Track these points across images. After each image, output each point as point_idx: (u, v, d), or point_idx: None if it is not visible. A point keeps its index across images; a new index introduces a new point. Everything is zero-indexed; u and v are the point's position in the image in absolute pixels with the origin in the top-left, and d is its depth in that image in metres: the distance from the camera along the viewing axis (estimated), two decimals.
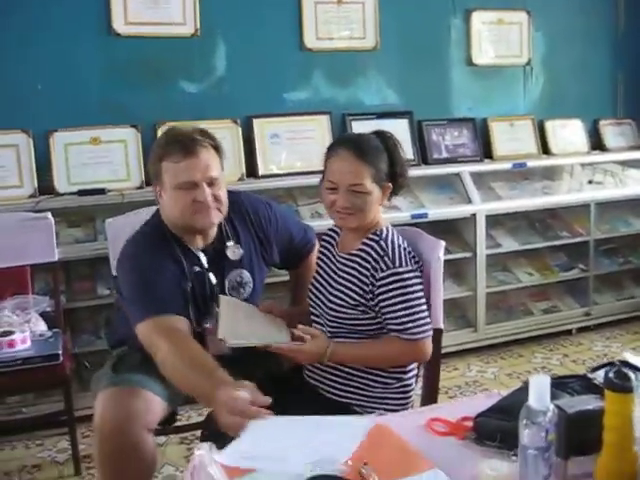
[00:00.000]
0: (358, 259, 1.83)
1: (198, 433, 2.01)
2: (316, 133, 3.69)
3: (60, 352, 2.52)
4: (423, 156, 3.94)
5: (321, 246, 2.04)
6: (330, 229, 2.04)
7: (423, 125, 3.98)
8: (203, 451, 1.27)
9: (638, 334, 4.10)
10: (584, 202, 4.11)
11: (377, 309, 1.80)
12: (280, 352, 1.83)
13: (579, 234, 4.14)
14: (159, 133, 3.34)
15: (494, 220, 3.90)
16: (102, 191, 3.19)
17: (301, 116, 3.70)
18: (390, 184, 1.84)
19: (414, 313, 1.77)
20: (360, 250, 1.84)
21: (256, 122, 3.59)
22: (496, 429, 1.35)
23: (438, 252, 1.84)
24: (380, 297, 1.78)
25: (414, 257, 1.83)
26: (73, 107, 3.29)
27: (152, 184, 2.02)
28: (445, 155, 4.01)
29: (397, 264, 1.77)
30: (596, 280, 4.21)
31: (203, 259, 2.01)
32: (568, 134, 4.37)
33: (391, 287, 1.76)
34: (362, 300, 1.80)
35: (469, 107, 4.15)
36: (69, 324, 3.05)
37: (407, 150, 3.80)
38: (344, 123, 3.78)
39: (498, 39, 4.17)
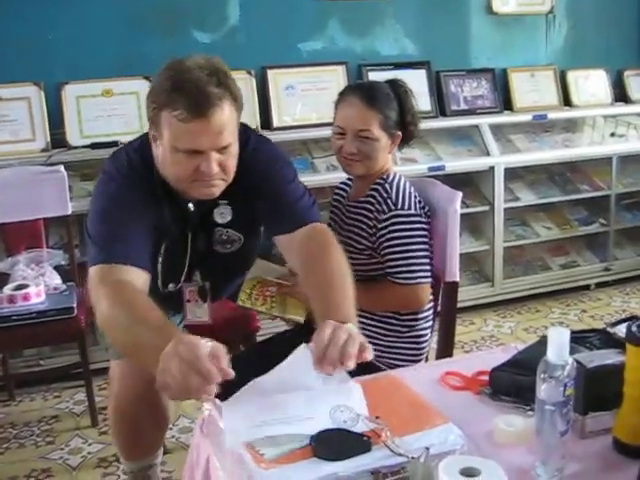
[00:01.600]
0: (365, 204, 1.83)
1: None
2: (332, 84, 3.60)
3: (74, 305, 2.52)
4: (441, 107, 3.86)
5: (334, 198, 2.02)
6: (342, 182, 2.02)
7: (441, 76, 3.88)
8: (213, 405, 1.25)
9: None
10: (606, 155, 4.02)
11: (380, 252, 1.79)
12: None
13: (600, 188, 4.06)
14: None
15: (513, 173, 3.83)
16: (115, 144, 3.12)
17: (316, 67, 3.62)
18: (399, 132, 1.84)
19: (410, 257, 1.75)
20: (367, 196, 1.84)
21: (270, 73, 3.51)
22: (512, 384, 1.32)
23: (455, 203, 1.79)
24: (380, 239, 1.77)
25: (421, 203, 1.81)
26: (84, 59, 3.23)
27: (148, 124, 1.61)
28: (463, 106, 3.92)
29: (399, 206, 1.76)
30: (616, 235, 4.14)
31: (195, 218, 1.74)
32: (591, 85, 4.25)
33: (391, 229, 1.76)
34: (368, 244, 1.79)
35: (488, 57, 4.03)
36: (84, 278, 3.04)
37: (424, 101, 3.77)
38: (360, 74, 3.69)
39: None
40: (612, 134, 4.10)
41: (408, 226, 1.75)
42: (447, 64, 3.90)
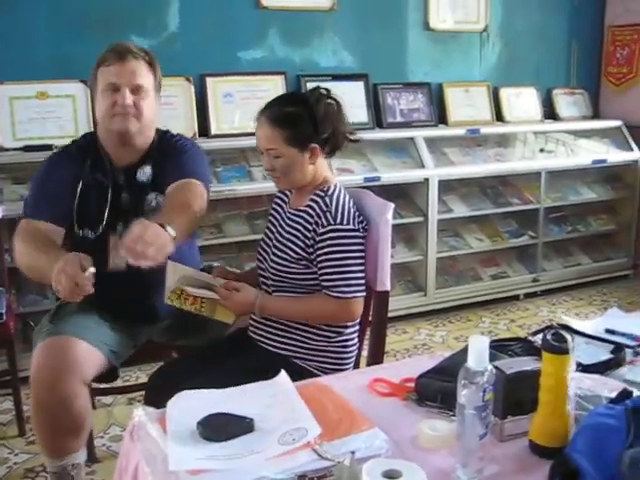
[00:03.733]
0: (304, 214, 1.84)
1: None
2: (270, 94, 3.57)
3: (3, 311, 2.47)
4: (377, 119, 3.93)
5: (272, 207, 2.04)
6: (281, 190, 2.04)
7: (378, 88, 3.96)
8: (143, 411, 1.26)
9: (582, 300, 4.21)
10: (535, 170, 4.16)
11: (316, 264, 1.81)
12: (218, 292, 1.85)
13: (529, 201, 4.21)
14: None
15: (446, 185, 3.93)
16: (49, 147, 3.08)
17: (256, 75, 3.65)
18: (315, 145, 1.82)
19: (347, 272, 1.77)
20: (307, 206, 1.85)
21: (209, 81, 3.53)
22: (437, 390, 1.37)
23: (386, 214, 1.84)
24: (318, 252, 1.79)
25: (360, 217, 1.83)
26: (19, 60, 3.18)
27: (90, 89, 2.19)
28: (400, 119, 4.00)
29: (338, 221, 1.77)
30: (544, 247, 4.29)
31: (121, 176, 2.05)
32: (522, 102, 4.41)
33: (329, 242, 1.77)
34: (304, 254, 1.80)
35: (425, 72, 4.14)
36: (14, 283, 2.98)
37: (361, 113, 3.85)
38: (299, 84, 3.74)
39: (455, 4, 4.14)
40: (541, 150, 4.25)
41: (346, 241, 1.77)
42: (385, 77, 3.99)
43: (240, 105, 3.58)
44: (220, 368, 1.78)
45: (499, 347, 1.41)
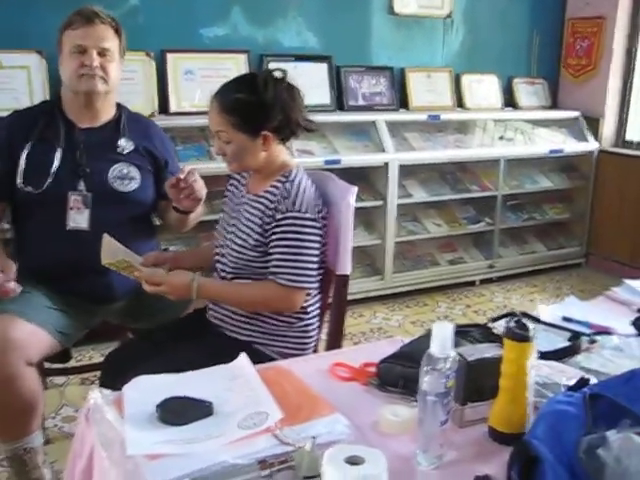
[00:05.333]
0: (264, 200, 1.80)
1: (99, 374, 1.97)
2: (233, 72, 3.55)
3: None
4: (339, 102, 3.91)
5: (228, 188, 2.00)
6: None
7: (341, 71, 3.94)
8: (99, 394, 1.23)
9: (536, 287, 4.28)
10: (494, 158, 4.20)
11: (269, 249, 1.78)
12: (142, 279, 1.78)
13: (488, 188, 4.25)
14: None
15: (406, 170, 3.93)
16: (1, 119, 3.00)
17: (218, 53, 3.59)
18: (267, 132, 1.76)
19: (297, 260, 1.74)
20: (266, 192, 1.81)
21: (170, 57, 3.45)
22: (399, 375, 1.37)
23: (349, 198, 1.82)
24: (272, 237, 1.75)
25: (320, 204, 1.80)
26: None
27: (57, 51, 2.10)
28: (362, 102, 3.99)
29: (297, 208, 1.74)
30: (501, 234, 4.35)
31: (82, 136, 2.07)
32: (483, 89, 4.44)
33: (284, 229, 1.74)
34: (263, 240, 1.77)
35: (389, 56, 4.12)
36: None
37: (324, 95, 3.82)
38: (261, 63, 3.69)
39: None
40: (501, 137, 4.29)
41: (302, 229, 1.74)
42: (348, 60, 3.96)
43: (201, 83, 3.51)
44: (177, 351, 1.75)
45: (460, 333, 1.41)
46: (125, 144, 2.11)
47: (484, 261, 4.28)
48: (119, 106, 2.19)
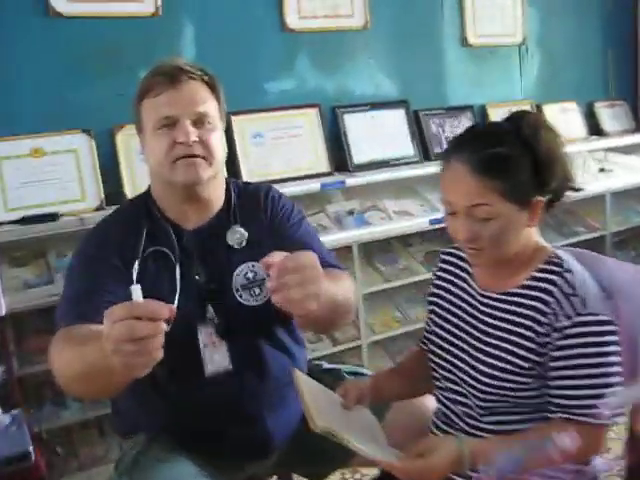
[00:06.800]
0: (527, 300, 1.25)
1: None
2: (305, 130, 3.07)
3: (30, 448, 1.78)
4: (424, 151, 3.39)
5: (442, 278, 1.43)
6: (447, 252, 1.46)
7: (420, 115, 3.42)
8: None
9: None
10: (599, 193, 3.68)
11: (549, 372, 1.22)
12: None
13: (595, 228, 3.73)
14: (118, 139, 2.65)
15: None
16: (53, 217, 2.44)
17: (286, 110, 3.07)
18: (540, 197, 1.25)
19: (600, 386, 1.18)
20: (529, 288, 1.25)
21: (235, 119, 2.93)
22: None
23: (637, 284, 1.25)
24: (554, 354, 1.20)
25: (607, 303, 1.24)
26: (5, 110, 2.52)
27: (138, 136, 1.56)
28: None
29: (589, 310, 1.19)
30: None
31: (189, 242, 1.50)
32: (568, 119, 3.95)
33: (577, 341, 1.18)
34: (537, 359, 1.21)
35: (466, 93, 3.63)
36: (31, 398, 2.29)
37: (405, 145, 3.30)
38: (335, 116, 3.17)
39: (492, 16, 3.67)
40: (602, 169, 3.78)
41: (602, 339, 1.19)
42: (424, 101, 3.46)
43: (271, 147, 2.99)
44: None
45: None
46: (236, 235, 1.52)
47: None
48: (227, 184, 1.62)
